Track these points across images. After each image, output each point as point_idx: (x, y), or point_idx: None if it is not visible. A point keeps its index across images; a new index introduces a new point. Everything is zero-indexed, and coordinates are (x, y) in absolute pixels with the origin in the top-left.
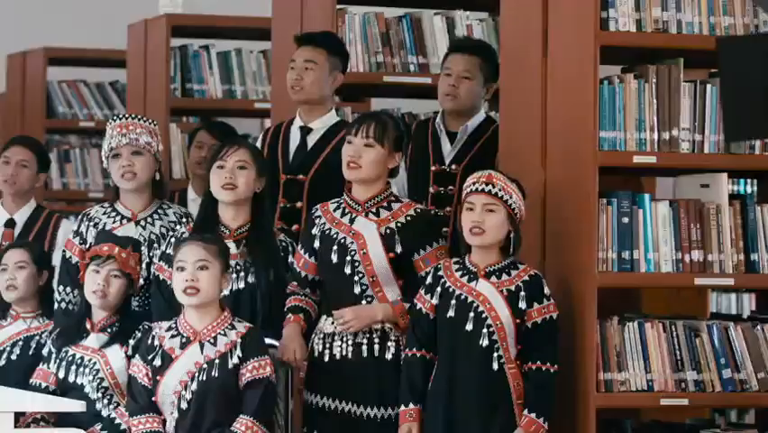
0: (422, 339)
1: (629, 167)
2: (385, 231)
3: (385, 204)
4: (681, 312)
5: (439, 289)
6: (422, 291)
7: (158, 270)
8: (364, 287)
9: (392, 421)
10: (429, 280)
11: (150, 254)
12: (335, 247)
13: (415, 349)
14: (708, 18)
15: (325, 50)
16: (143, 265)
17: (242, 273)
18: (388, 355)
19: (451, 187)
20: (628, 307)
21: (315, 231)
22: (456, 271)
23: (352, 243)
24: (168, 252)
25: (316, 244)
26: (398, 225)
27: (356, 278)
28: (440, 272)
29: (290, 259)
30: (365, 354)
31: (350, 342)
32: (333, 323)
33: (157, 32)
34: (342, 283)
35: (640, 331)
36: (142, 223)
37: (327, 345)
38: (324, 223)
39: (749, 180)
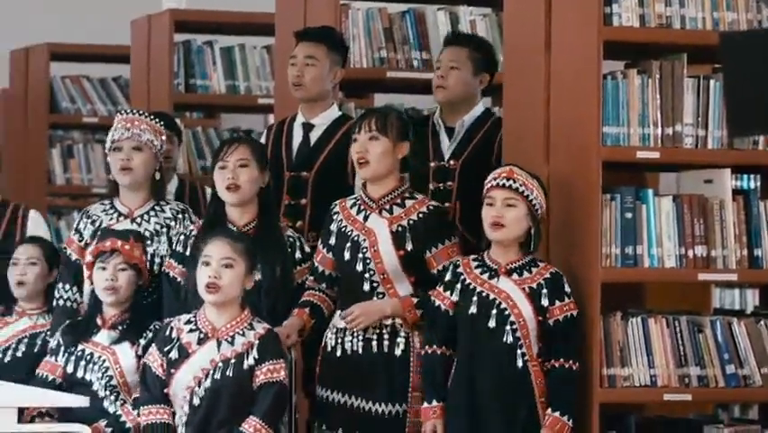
0: (441, 336)
1: (632, 162)
2: (396, 228)
3: (399, 201)
4: (684, 307)
5: (459, 285)
6: (440, 288)
7: (167, 267)
8: (375, 284)
9: (400, 418)
10: (448, 276)
11: (147, 251)
12: (348, 244)
13: (435, 346)
14: (712, 13)
15: (325, 46)
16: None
17: None
18: (398, 351)
19: (449, 182)
20: (632, 302)
21: (333, 227)
22: (476, 268)
23: (364, 240)
24: (178, 249)
25: (332, 240)
26: (410, 222)
27: (367, 275)
28: (459, 269)
29: (297, 255)
30: (375, 350)
31: (360, 337)
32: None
33: (160, 28)
34: (354, 280)
35: (643, 326)
36: (138, 220)
37: (339, 341)
38: (342, 220)
39: (752, 176)
